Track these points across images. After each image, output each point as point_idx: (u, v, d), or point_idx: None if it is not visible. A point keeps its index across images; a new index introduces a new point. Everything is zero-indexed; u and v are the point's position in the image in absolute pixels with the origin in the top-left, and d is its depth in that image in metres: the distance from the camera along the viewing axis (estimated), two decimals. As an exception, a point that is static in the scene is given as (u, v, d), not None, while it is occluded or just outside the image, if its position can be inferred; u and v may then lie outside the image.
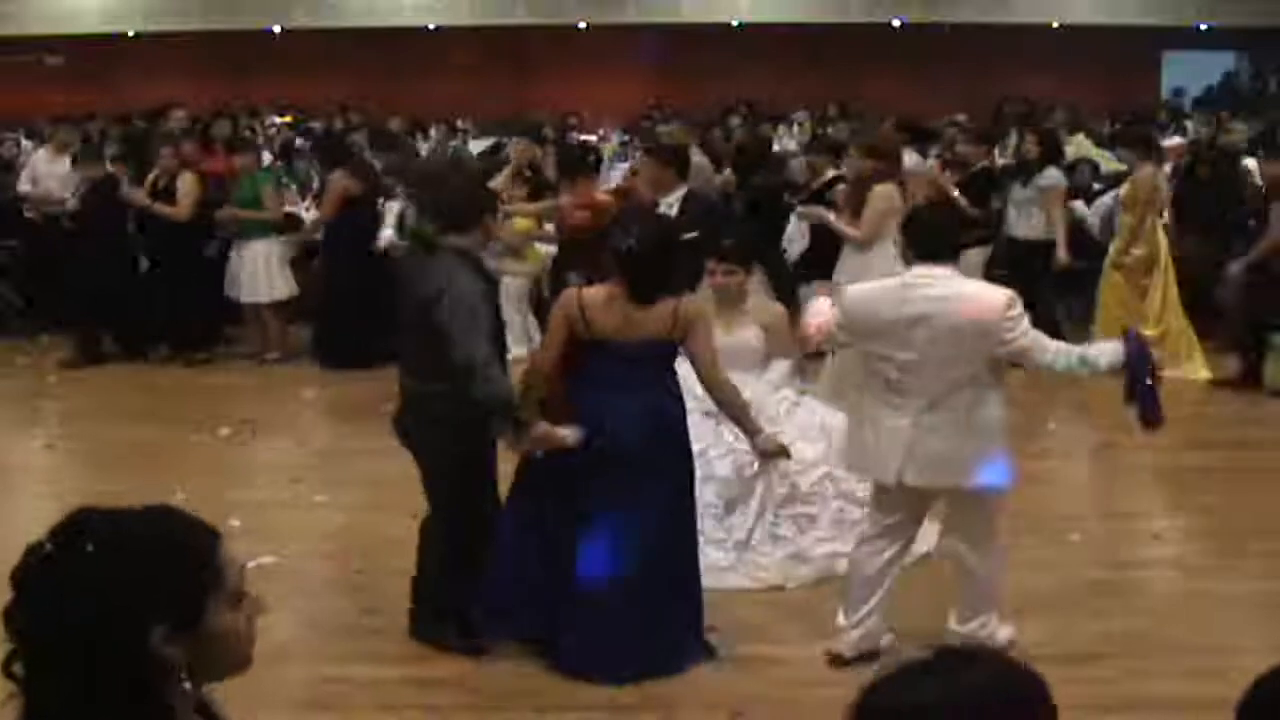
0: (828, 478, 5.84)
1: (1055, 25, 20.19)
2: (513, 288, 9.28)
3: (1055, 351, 4.62)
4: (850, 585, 4.96)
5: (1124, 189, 9.39)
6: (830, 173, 9.06)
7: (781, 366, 6.10)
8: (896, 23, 20.10)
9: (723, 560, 5.64)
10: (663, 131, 10.09)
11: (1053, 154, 10.00)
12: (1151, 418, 4.72)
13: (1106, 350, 4.68)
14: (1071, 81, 19.23)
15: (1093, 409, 8.10)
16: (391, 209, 9.82)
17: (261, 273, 9.73)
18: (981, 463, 4.64)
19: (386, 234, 9.50)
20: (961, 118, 15.83)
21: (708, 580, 5.55)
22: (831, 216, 8.13)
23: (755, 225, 9.08)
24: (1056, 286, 9.71)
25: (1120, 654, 4.89)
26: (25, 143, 13.64)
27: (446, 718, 4.56)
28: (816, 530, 5.77)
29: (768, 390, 5.96)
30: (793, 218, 8.45)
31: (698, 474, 5.71)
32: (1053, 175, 9.69)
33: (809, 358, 6.86)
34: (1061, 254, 9.45)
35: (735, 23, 20.31)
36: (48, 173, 10.76)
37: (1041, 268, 9.46)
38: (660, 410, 4.82)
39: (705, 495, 5.74)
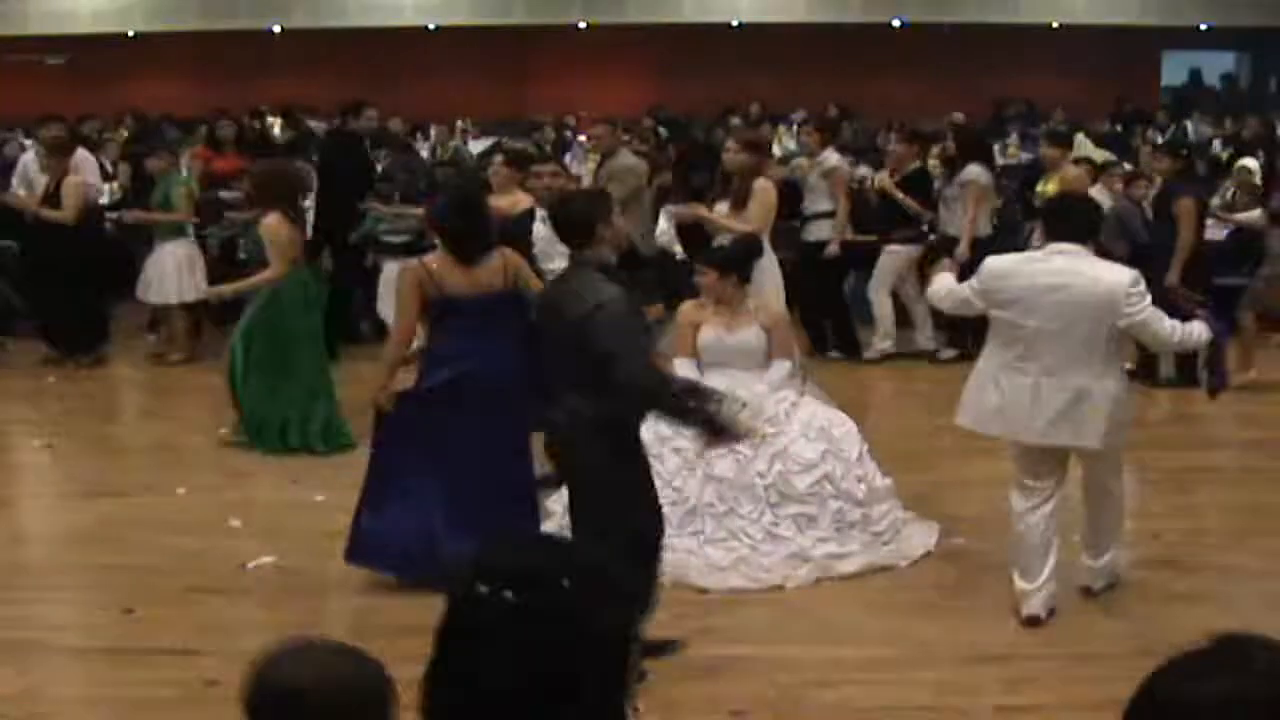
0: (827, 478, 5.84)
1: (1055, 25, 20.18)
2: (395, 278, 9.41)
3: (1172, 327, 5.12)
4: (1021, 553, 5.28)
5: (1050, 188, 9.39)
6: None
7: (782, 367, 6.10)
8: (896, 23, 20.09)
9: (723, 560, 5.64)
10: (591, 135, 10.01)
11: (973, 151, 10.07)
12: (1222, 387, 5.69)
13: (1197, 329, 5.24)
14: (1071, 81, 19.23)
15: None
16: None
17: (170, 274, 9.75)
18: (1101, 428, 5.08)
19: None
20: (960, 117, 15.86)
21: (708, 580, 5.57)
22: (710, 212, 7.99)
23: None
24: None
25: (1120, 654, 4.89)
26: (26, 142, 13.64)
27: (446, 718, 4.55)
28: (816, 530, 5.77)
29: (768, 390, 5.96)
30: (663, 216, 8.37)
31: (697, 474, 5.75)
32: (972, 171, 9.74)
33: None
34: (962, 248, 9.42)
35: (735, 23, 20.30)
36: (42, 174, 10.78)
37: (974, 264, 9.46)
38: (508, 348, 5.47)
39: (705, 495, 5.75)
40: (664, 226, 8.22)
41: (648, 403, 4.62)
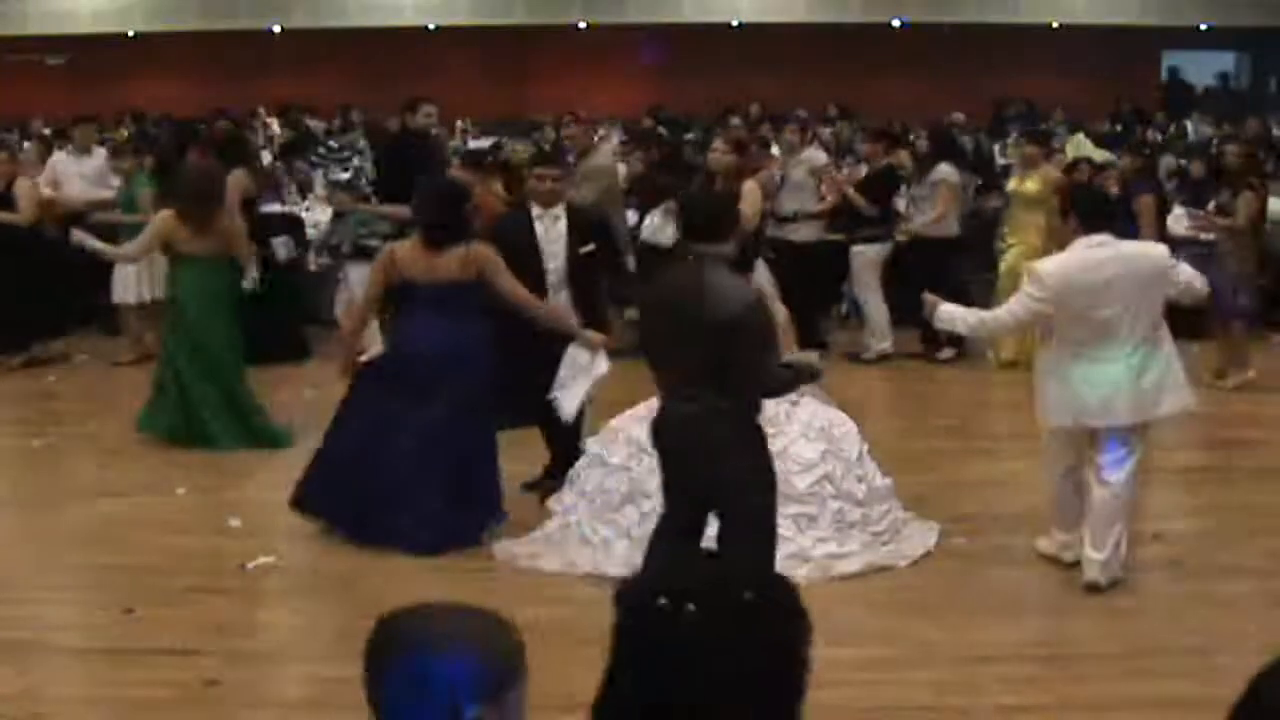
0: (826, 478, 5.84)
1: (1055, 25, 20.19)
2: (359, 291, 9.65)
3: (1196, 276, 5.64)
4: (1060, 509, 5.71)
5: (1030, 185, 9.44)
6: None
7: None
8: (896, 23, 20.09)
9: (722, 560, 5.63)
10: (565, 135, 10.04)
11: (945, 150, 10.12)
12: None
13: (1196, 274, 5.67)
14: (1071, 81, 19.23)
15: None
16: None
17: (131, 275, 9.77)
18: (1187, 389, 5.61)
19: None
20: (960, 117, 15.85)
21: (707, 580, 5.57)
22: None
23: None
24: (957, 283, 9.75)
25: (1120, 654, 4.89)
26: (26, 145, 13.64)
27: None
28: (816, 530, 5.76)
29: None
30: (660, 213, 8.42)
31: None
32: (943, 170, 9.79)
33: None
34: (908, 228, 9.58)
35: (735, 23, 20.31)
36: (75, 173, 10.80)
37: (941, 264, 9.59)
38: (457, 334, 5.90)
39: (705, 495, 5.75)
40: (659, 223, 8.23)
41: (779, 395, 4.91)
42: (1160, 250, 5.65)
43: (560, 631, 5.15)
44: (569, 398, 6.10)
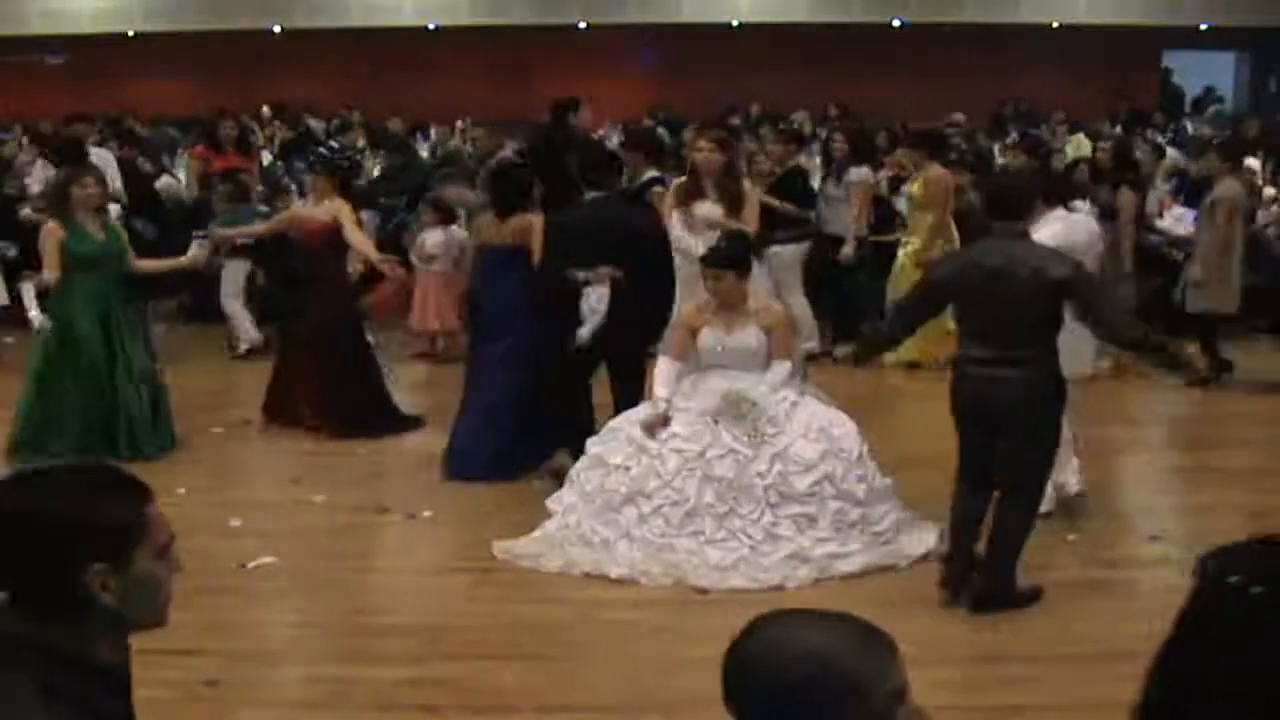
0: (827, 478, 5.83)
1: (1055, 25, 20.19)
2: (231, 286, 10.15)
3: None
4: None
5: (916, 188, 9.49)
6: (649, 173, 8.66)
7: (782, 367, 6.09)
8: (896, 23, 20.10)
9: (723, 560, 5.64)
10: (471, 137, 9.94)
11: (863, 152, 10.21)
12: None
13: None
14: (1071, 81, 19.24)
15: (1090, 408, 8.09)
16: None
17: None
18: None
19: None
20: (960, 117, 15.86)
21: (708, 580, 5.58)
22: (719, 213, 7.75)
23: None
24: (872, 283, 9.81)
25: (1121, 654, 4.88)
26: (24, 140, 13.64)
27: (446, 718, 4.56)
28: (816, 530, 5.77)
29: (768, 391, 5.95)
30: (677, 214, 8.48)
31: (697, 474, 5.75)
32: (859, 172, 9.93)
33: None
34: (847, 250, 9.75)
35: (735, 23, 20.31)
36: None
37: (855, 263, 9.80)
38: (518, 293, 6.88)
39: (705, 495, 5.75)
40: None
41: (1128, 344, 5.46)
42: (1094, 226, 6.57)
43: (560, 631, 5.16)
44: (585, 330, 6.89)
